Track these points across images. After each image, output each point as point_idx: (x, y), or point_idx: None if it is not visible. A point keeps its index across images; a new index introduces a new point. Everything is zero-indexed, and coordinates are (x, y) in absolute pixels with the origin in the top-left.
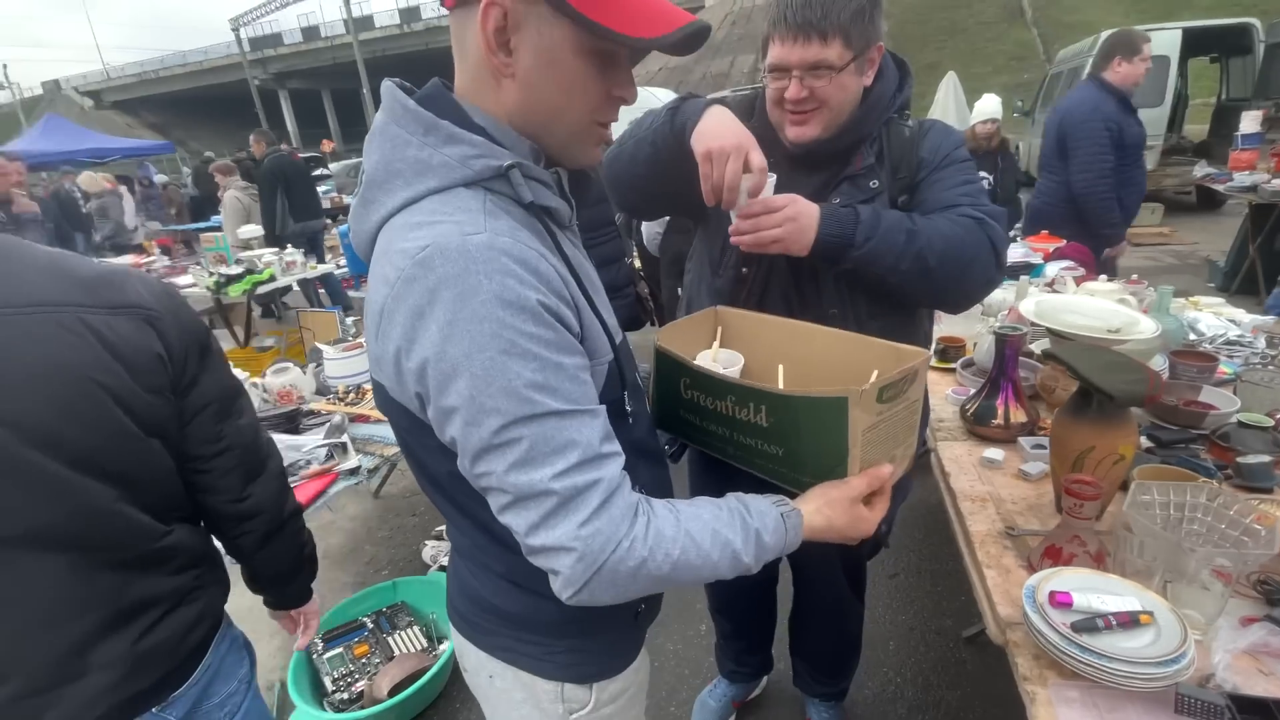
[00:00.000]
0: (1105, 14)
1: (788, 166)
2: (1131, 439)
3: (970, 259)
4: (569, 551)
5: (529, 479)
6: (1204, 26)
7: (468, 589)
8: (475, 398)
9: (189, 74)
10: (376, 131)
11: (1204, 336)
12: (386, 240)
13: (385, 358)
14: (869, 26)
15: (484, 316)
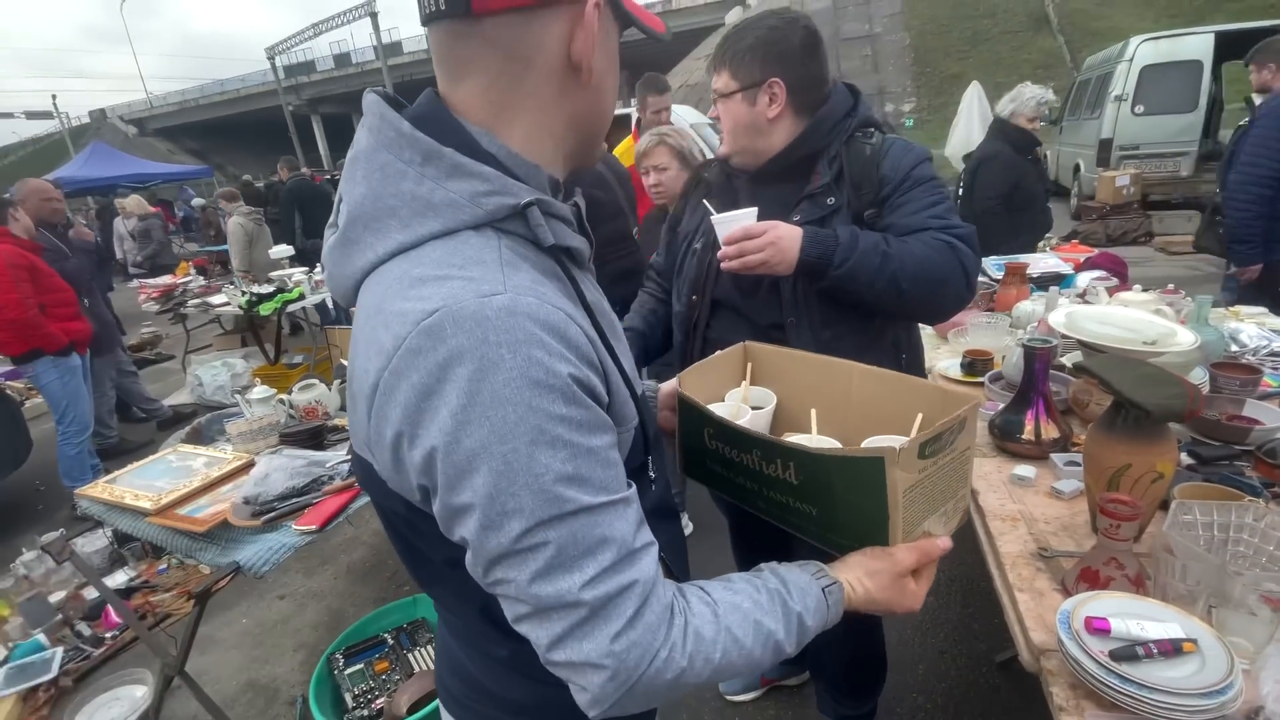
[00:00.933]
0: (1134, 20)
1: (749, 185)
2: (1171, 456)
3: (941, 280)
4: (600, 669)
5: (556, 589)
6: (1238, 30)
7: (461, 670)
8: (495, 497)
9: (227, 101)
10: (361, 156)
11: (1246, 348)
12: (378, 294)
13: (380, 441)
14: (757, 64)
15: (507, 399)
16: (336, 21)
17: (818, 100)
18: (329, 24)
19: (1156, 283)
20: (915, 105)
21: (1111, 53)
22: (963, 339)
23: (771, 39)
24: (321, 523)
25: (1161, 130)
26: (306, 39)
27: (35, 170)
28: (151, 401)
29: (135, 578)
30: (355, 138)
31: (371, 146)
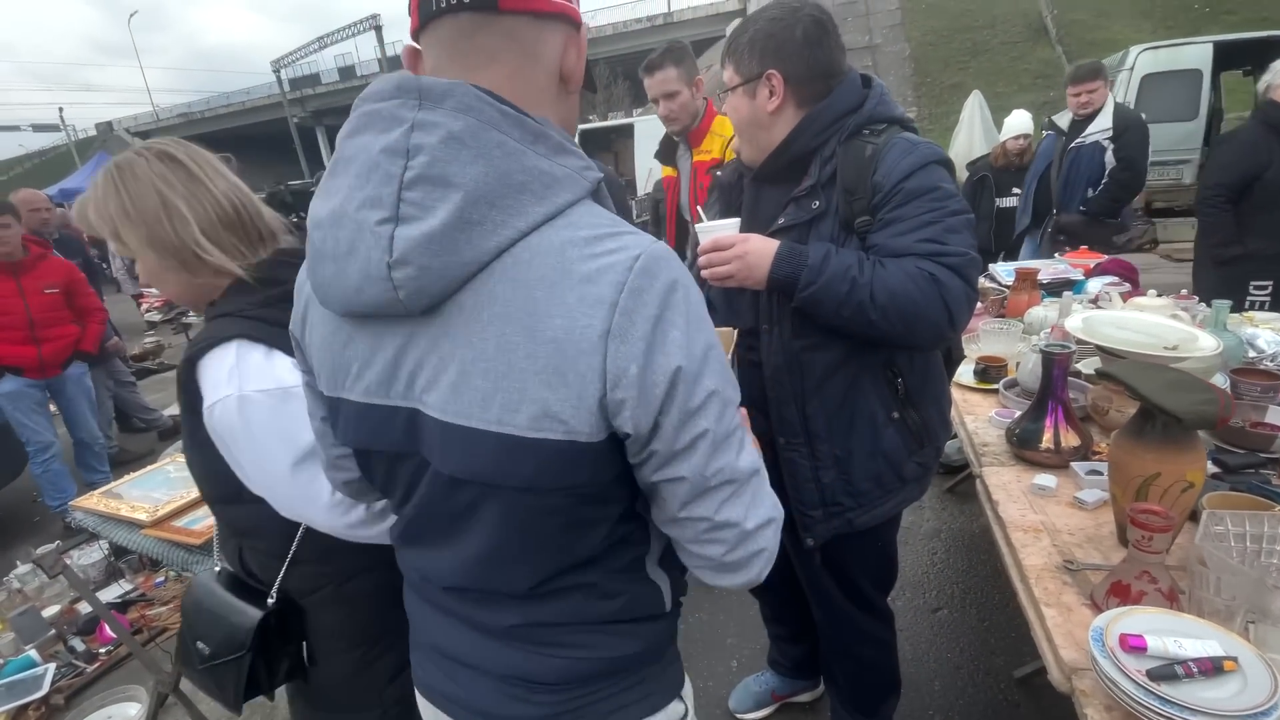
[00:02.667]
0: (1131, 31)
1: (753, 184)
2: (1200, 464)
3: (916, 316)
4: (773, 522)
5: (747, 461)
6: (1236, 40)
7: (535, 675)
8: (720, 391)
9: (232, 114)
10: (465, 136)
11: (1264, 353)
12: (548, 264)
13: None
14: (755, 57)
15: (703, 315)
16: (341, 35)
17: (823, 92)
18: (333, 37)
19: (1162, 289)
20: (916, 114)
21: (1112, 62)
22: (974, 344)
23: (770, 30)
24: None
25: (1163, 138)
26: (311, 52)
27: (41, 181)
28: (151, 411)
29: (131, 591)
30: (424, 120)
31: (473, 127)
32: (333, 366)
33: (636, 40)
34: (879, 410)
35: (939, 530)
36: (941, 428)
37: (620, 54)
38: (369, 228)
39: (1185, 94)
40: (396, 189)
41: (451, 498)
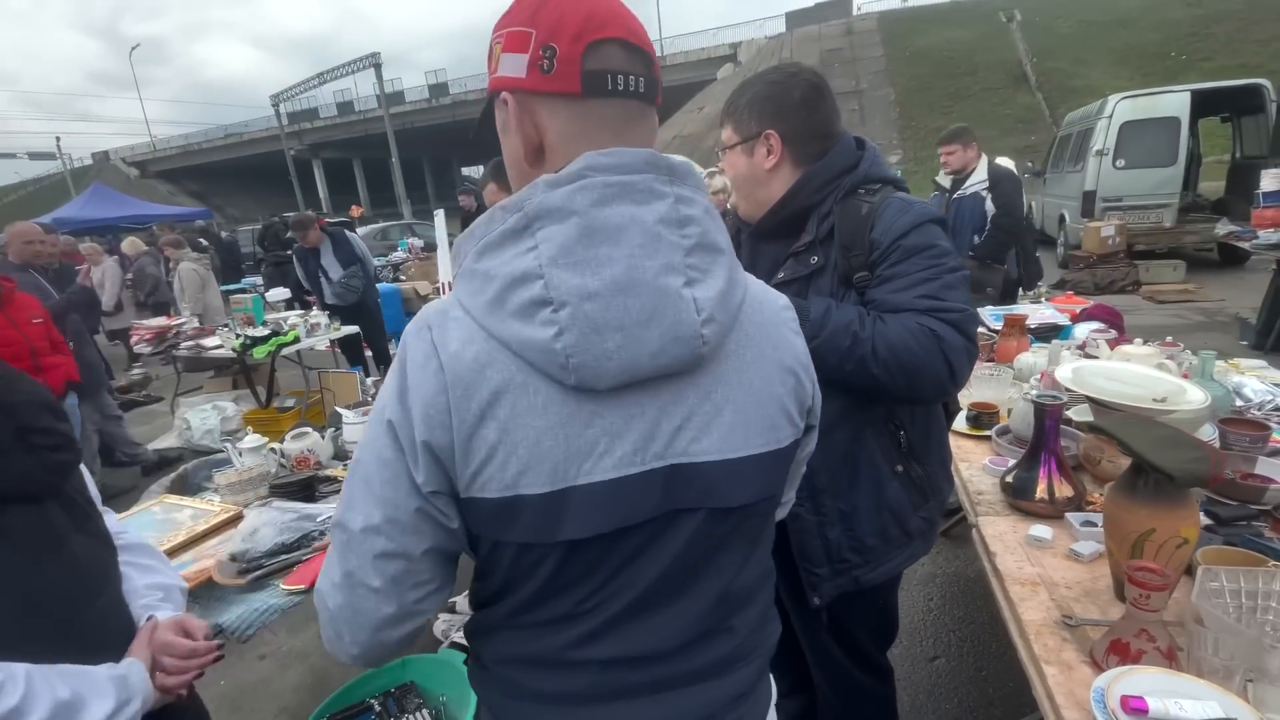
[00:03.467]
0: (1109, 78)
1: (750, 239)
2: (1194, 520)
3: (917, 370)
4: None
5: None
6: (1214, 88)
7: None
8: None
9: (229, 145)
10: (710, 211)
11: (1250, 402)
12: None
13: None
14: (754, 117)
15: None
16: (341, 71)
17: (819, 153)
18: (333, 74)
19: (1147, 331)
20: (901, 157)
21: (1091, 109)
22: (966, 390)
23: (768, 93)
24: (311, 582)
25: (1143, 183)
26: (311, 87)
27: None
28: (135, 446)
29: None
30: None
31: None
32: (564, 454)
33: None
34: (882, 463)
35: (934, 575)
36: (945, 481)
37: None
38: (674, 292)
39: (1164, 140)
40: (683, 256)
41: (710, 535)
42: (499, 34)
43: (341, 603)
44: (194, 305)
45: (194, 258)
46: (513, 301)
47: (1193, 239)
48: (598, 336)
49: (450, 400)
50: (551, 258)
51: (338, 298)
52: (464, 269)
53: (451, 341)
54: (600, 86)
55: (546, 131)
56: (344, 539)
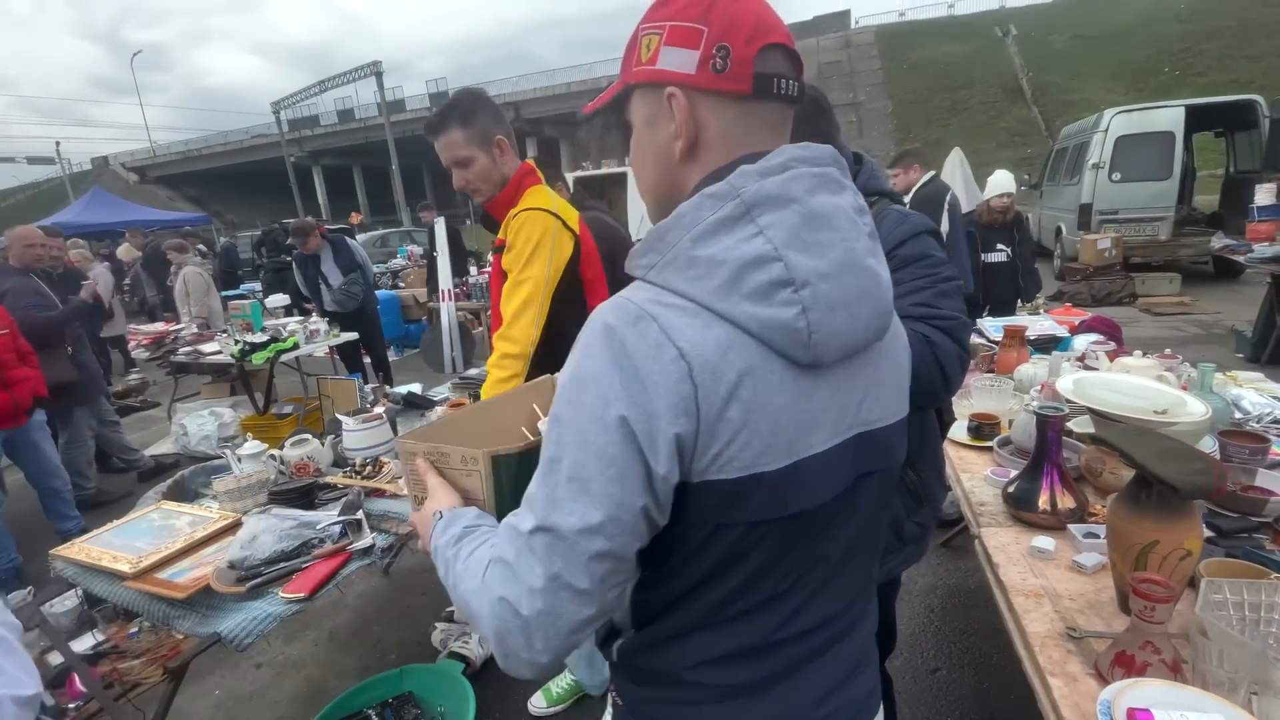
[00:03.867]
0: (1103, 92)
1: None
2: (1197, 532)
3: (912, 375)
4: None
5: None
6: (1208, 103)
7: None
8: None
9: (229, 151)
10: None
11: (1249, 415)
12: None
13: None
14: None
15: None
16: (342, 80)
17: None
18: (334, 81)
19: (1144, 343)
20: None
21: (1087, 123)
22: (966, 401)
23: None
24: (310, 590)
25: (1138, 196)
26: (312, 95)
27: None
28: (132, 451)
29: (103, 642)
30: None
31: None
32: (797, 429)
33: None
34: None
35: (935, 586)
36: (939, 488)
37: None
38: (875, 271)
39: (1159, 154)
40: (869, 240)
41: (881, 495)
42: (657, 26)
43: (541, 608)
44: (199, 308)
45: (197, 263)
46: (748, 284)
47: (1188, 252)
48: (831, 314)
49: (697, 387)
50: (784, 241)
51: (337, 304)
52: (675, 256)
53: (684, 328)
54: (767, 89)
55: (706, 128)
56: (548, 541)
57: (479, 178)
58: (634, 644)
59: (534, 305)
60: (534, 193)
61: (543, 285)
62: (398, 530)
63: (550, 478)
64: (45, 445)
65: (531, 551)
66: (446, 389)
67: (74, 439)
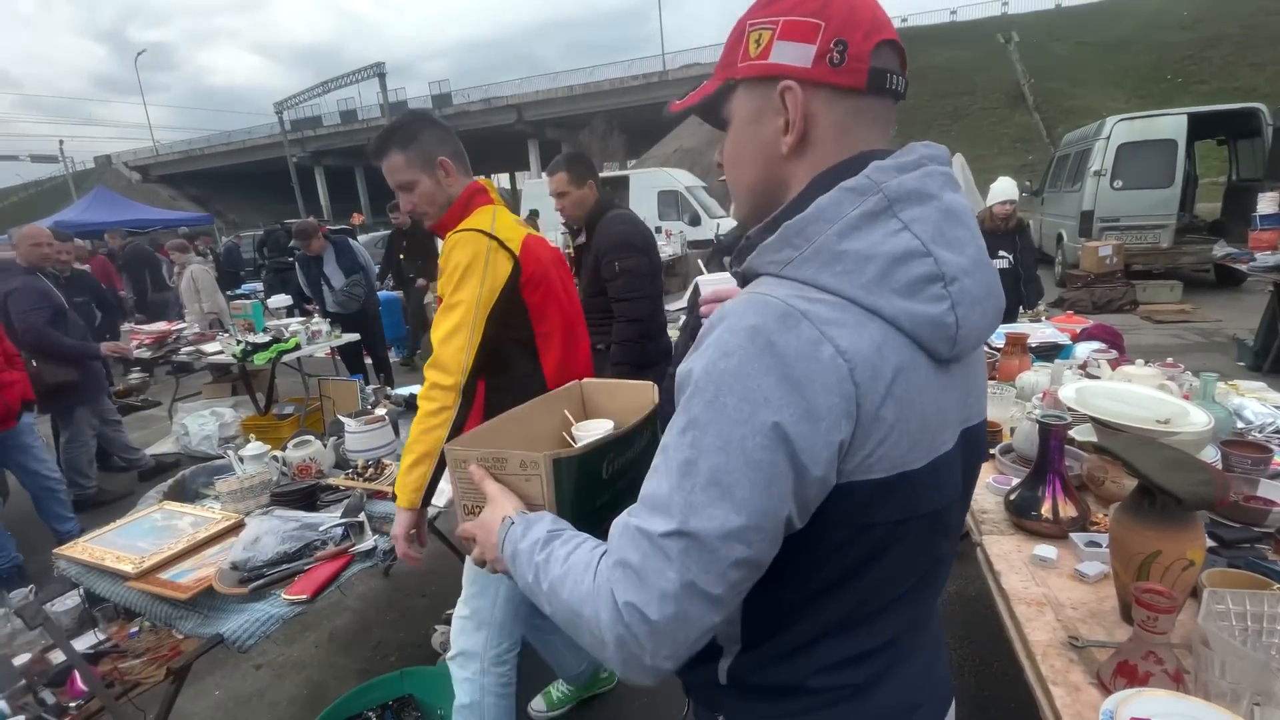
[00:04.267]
0: (1105, 99)
1: None
2: (1200, 542)
3: None
4: None
5: None
6: (1210, 111)
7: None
8: None
9: (231, 151)
10: None
11: (1251, 425)
12: None
13: None
14: None
15: None
16: (345, 81)
17: None
18: (337, 82)
19: (1145, 351)
20: None
21: (1089, 130)
22: None
23: None
24: (313, 592)
25: (1140, 204)
26: (315, 95)
27: (37, 212)
28: (133, 451)
29: (104, 641)
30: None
31: None
32: (936, 425)
33: (634, 96)
34: None
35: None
36: None
37: (617, 108)
38: (995, 274)
39: (1161, 162)
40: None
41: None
42: (770, 21)
43: (671, 614)
44: (210, 304)
45: (198, 261)
46: (899, 279)
47: (1189, 260)
48: (971, 310)
49: (857, 386)
50: (930, 237)
51: (340, 305)
52: (818, 250)
53: (839, 325)
54: (880, 84)
55: (817, 123)
56: (684, 546)
57: (423, 201)
58: (751, 661)
59: (464, 331)
60: (479, 213)
61: (474, 309)
62: None
63: (686, 480)
64: (36, 448)
65: (664, 555)
66: None
67: (75, 438)
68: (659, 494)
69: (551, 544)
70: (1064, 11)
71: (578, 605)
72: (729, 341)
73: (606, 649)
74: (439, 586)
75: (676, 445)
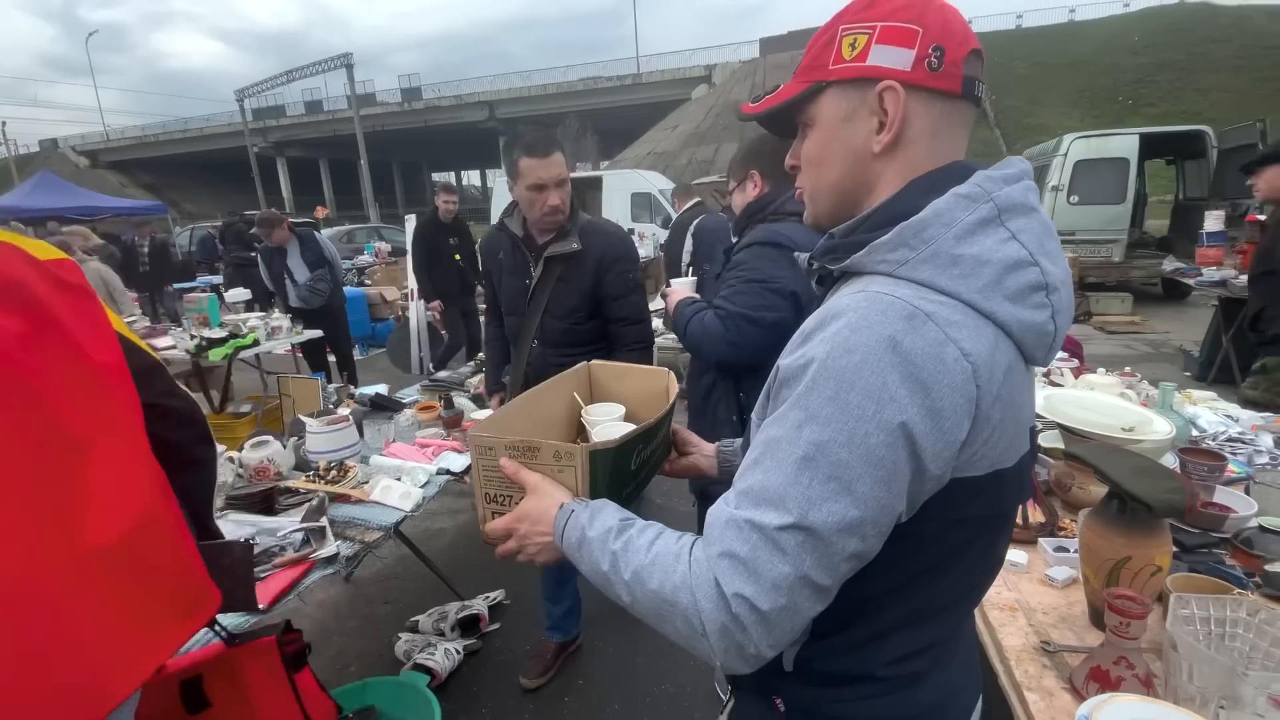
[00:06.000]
0: (1061, 118)
1: None
2: (1167, 548)
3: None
4: None
5: None
6: (1160, 132)
7: None
8: None
9: (188, 139)
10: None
11: (1205, 433)
12: None
13: None
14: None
15: None
16: (311, 70)
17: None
18: (303, 72)
19: (1099, 360)
20: None
21: (1047, 147)
22: None
23: (755, 145)
24: (269, 601)
25: (1094, 219)
26: (279, 84)
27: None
28: None
29: None
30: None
31: None
32: (1024, 426)
33: (607, 97)
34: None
35: None
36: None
37: (591, 109)
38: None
39: (1114, 179)
40: None
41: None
42: (866, 26)
43: (784, 605)
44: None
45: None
46: (1010, 285)
47: (1140, 274)
48: (1063, 319)
49: (978, 386)
50: (1036, 247)
51: (303, 301)
52: (936, 252)
53: (960, 327)
54: (970, 90)
55: (911, 124)
56: (801, 539)
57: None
58: (821, 650)
59: None
60: None
61: None
62: (363, 538)
63: (805, 474)
64: None
65: (778, 548)
66: (415, 390)
67: None
68: (772, 486)
69: (628, 531)
70: (1023, 32)
71: (671, 594)
72: (851, 339)
73: (706, 638)
74: (402, 594)
75: (791, 439)
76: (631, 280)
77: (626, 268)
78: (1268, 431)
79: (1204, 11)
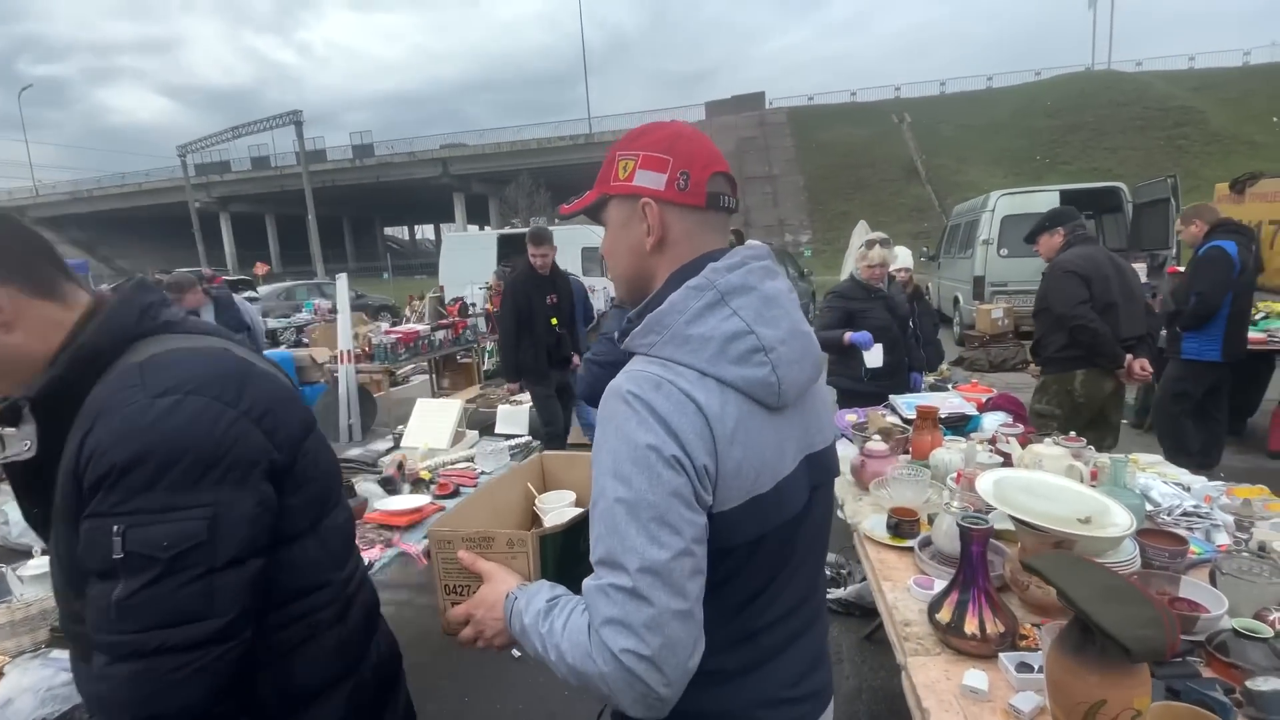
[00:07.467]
0: (985, 175)
1: None
2: (1146, 689)
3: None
4: None
5: None
6: (1079, 189)
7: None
8: None
9: (125, 194)
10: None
11: (1160, 507)
12: None
13: None
14: None
15: None
16: (258, 126)
17: None
18: (249, 128)
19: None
20: (811, 237)
21: (976, 203)
22: (884, 490)
23: None
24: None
25: (1024, 270)
26: (225, 140)
27: None
28: None
29: None
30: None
31: None
32: (776, 458)
33: (560, 155)
34: None
35: (860, 690)
36: None
37: (543, 166)
38: (809, 334)
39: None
40: (799, 311)
41: (830, 500)
42: (632, 153)
43: (660, 643)
44: None
45: None
46: (732, 352)
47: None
48: (789, 369)
49: (713, 431)
50: (753, 318)
51: None
52: (674, 335)
53: (694, 389)
54: (715, 202)
55: (671, 229)
56: (651, 580)
57: None
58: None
59: None
60: None
61: None
62: None
63: (632, 525)
64: None
65: (638, 597)
66: None
67: None
68: (612, 552)
69: (551, 614)
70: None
71: (582, 666)
72: (620, 411)
73: (620, 696)
74: None
75: (605, 513)
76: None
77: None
78: (1227, 512)
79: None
